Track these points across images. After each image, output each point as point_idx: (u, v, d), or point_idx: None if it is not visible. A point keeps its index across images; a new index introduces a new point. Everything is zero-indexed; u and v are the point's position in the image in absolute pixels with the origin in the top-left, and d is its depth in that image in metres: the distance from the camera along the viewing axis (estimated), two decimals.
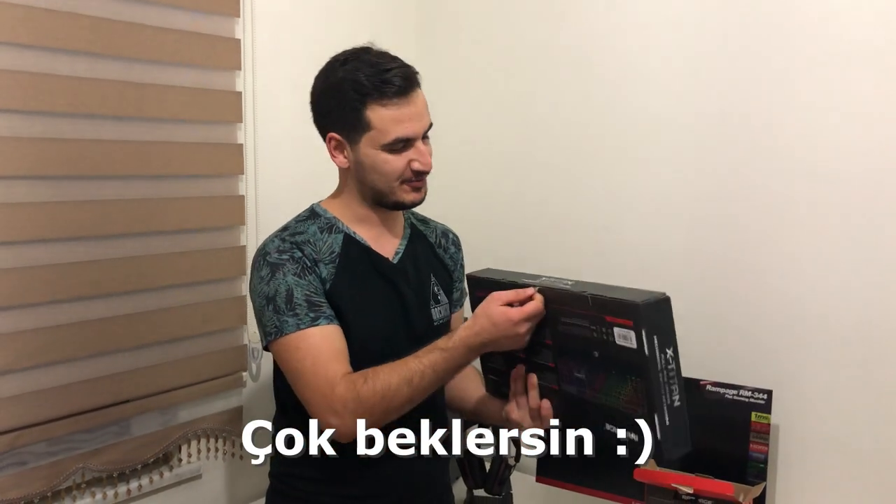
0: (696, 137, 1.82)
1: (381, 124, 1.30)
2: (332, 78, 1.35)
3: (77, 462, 1.58)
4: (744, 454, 1.68)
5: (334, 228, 1.39)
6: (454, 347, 1.25)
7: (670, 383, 1.17)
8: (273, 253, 1.33)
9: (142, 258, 1.66)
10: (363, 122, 1.31)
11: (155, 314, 1.69)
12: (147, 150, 1.65)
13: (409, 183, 1.35)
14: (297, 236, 1.36)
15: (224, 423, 1.86)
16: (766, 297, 1.74)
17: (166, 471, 1.77)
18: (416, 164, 1.34)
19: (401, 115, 1.30)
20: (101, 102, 1.56)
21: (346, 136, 1.34)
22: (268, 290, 1.30)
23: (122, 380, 1.64)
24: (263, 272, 1.32)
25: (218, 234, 1.81)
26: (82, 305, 1.57)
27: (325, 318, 1.29)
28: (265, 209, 1.88)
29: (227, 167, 1.82)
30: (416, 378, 1.24)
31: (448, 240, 1.58)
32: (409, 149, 1.33)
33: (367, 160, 1.34)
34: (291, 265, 1.31)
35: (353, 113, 1.31)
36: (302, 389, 1.29)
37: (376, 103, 1.30)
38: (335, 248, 1.37)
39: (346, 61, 1.34)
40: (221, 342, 1.84)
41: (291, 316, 1.28)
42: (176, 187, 1.72)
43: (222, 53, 1.77)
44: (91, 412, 1.59)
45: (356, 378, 1.25)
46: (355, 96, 1.30)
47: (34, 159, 1.48)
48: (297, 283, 1.30)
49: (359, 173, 1.36)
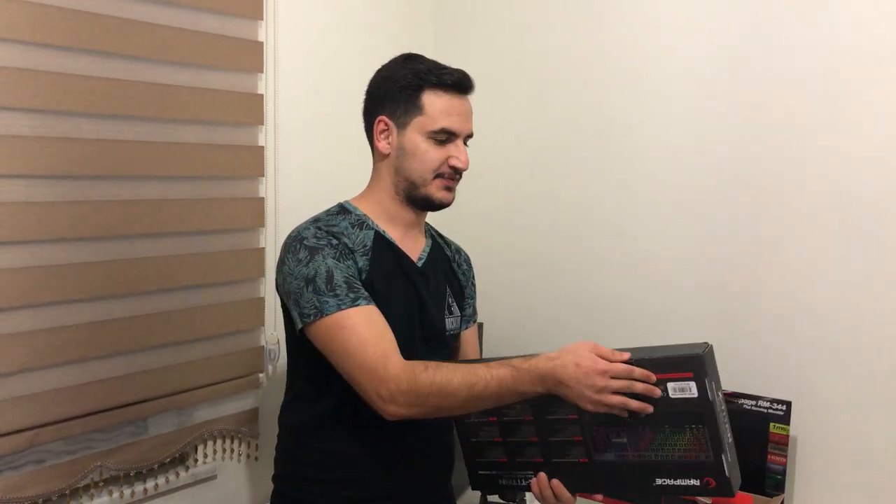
0: (718, 146, 1.81)
1: (433, 111, 1.36)
2: (393, 67, 1.42)
3: (95, 461, 1.59)
4: (761, 465, 1.67)
5: (364, 225, 1.41)
6: (527, 370, 1.21)
7: (726, 422, 1.22)
8: (310, 238, 1.34)
9: (161, 259, 1.67)
10: (417, 104, 1.37)
11: (173, 314, 1.69)
12: (168, 151, 1.66)
13: (443, 179, 1.39)
14: (331, 228, 1.37)
15: (240, 424, 1.86)
16: (786, 307, 1.73)
17: (182, 471, 1.77)
18: (454, 161, 1.38)
19: (451, 108, 1.38)
20: (123, 103, 1.57)
21: (395, 119, 1.38)
22: (307, 272, 1.31)
23: (139, 379, 1.64)
24: (301, 255, 1.32)
25: (238, 236, 1.82)
26: (101, 305, 1.58)
27: (364, 300, 1.30)
28: (285, 211, 1.88)
29: (248, 169, 1.82)
30: (479, 386, 1.22)
31: (461, 257, 1.60)
32: (451, 144, 1.38)
33: (410, 145, 1.37)
34: (329, 249, 1.33)
35: (409, 96, 1.37)
36: (350, 368, 1.28)
37: (433, 90, 1.37)
38: (367, 243, 1.38)
39: (409, 58, 1.42)
40: (238, 343, 1.84)
41: (332, 297, 1.28)
42: (196, 189, 1.73)
43: (245, 56, 1.78)
44: (108, 411, 1.60)
45: (416, 364, 1.25)
46: (415, 81, 1.37)
47: (56, 159, 1.49)
48: (336, 266, 1.31)
49: (397, 161, 1.39)
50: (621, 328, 1.96)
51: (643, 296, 1.93)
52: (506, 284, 2.14)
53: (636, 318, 1.94)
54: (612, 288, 1.98)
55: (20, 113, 1.44)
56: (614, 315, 1.98)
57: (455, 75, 1.38)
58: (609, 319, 1.99)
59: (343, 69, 2.02)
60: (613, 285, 1.98)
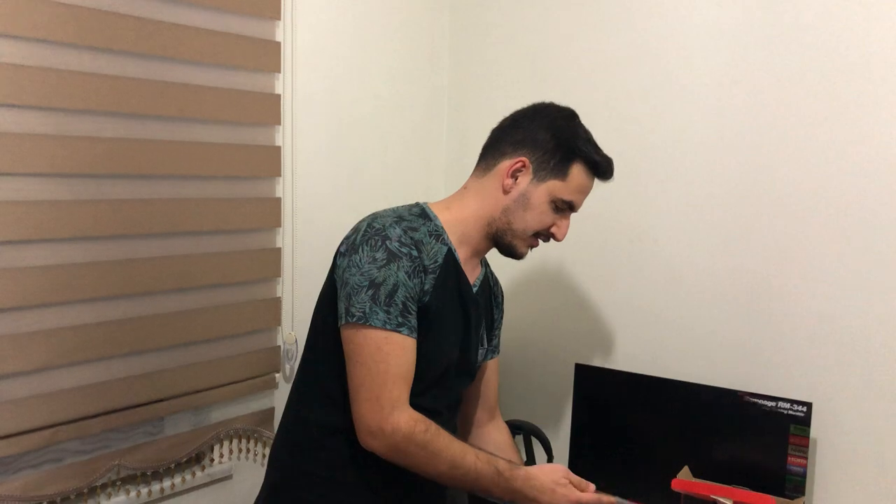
0: (737, 147, 1.80)
1: (573, 183, 1.40)
2: (557, 117, 1.43)
3: (112, 459, 1.59)
4: (782, 468, 1.65)
5: (441, 238, 1.38)
6: (509, 478, 1.28)
7: None
8: (394, 240, 1.30)
9: (178, 258, 1.67)
10: (564, 170, 1.39)
11: (190, 314, 1.70)
12: (185, 150, 1.66)
13: (535, 239, 1.44)
14: (414, 233, 1.34)
15: (256, 424, 1.86)
16: (806, 308, 1.72)
17: (198, 470, 1.77)
18: (556, 230, 1.43)
19: (585, 188, 1.42)
20: (141, 102, 1.57)
21: (536, 168, 1.39)
22: (377, 275, 1.28)
23: (156, 379, 1.65)
24: (379, 255, 1.29)
25: (255, 236, 1.82)
26: (118, 304, 1.58)
27: (407, 328, 1.29)
28: (302, 211, 1.88)
29: (265, 169, 1.82)
30: (461, 470, 1.27)
31: (499, 289, 1.61)
32: (562, 216, 1.42)
33: (536, 200, 1.39)
34: (407, 262, 1.30)
35: (563, 158, 1.39)
36: (359, 387, 1.27)
37: (583, 165, 1.40)
38: (438, 258, 1.35)
39: (573, 116, 1.44)
40: (255, 343, 1.84)
41: (384, 311, 1.27)
42: (214, 188, 1.73)
43: (262, 56, 1.78)
44: (126, 410, 1.60)
45: (419, 422, 1.26)
46: (574, 148, 1.39)
47: (75, 158, 1.49)
48: (404, 283, 1.29)
49: (513, 204, 1.40)
50: (636, 330, 1.95)
51: (659, 297, 1.92)
52: (520, 287, 2.13)
53: (652, 319, 1.93)
54: (626, 290, 1.96)
55: (41, 112, 1.44)
56: (629, 317, 1.97)
57: (606, 162, 1.42)
58: (624, 322, 1.98)
59: (360, 69, 2.02)
60: (628, 287, 1.96)
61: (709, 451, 1.72)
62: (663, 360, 1.88)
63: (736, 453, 1.70)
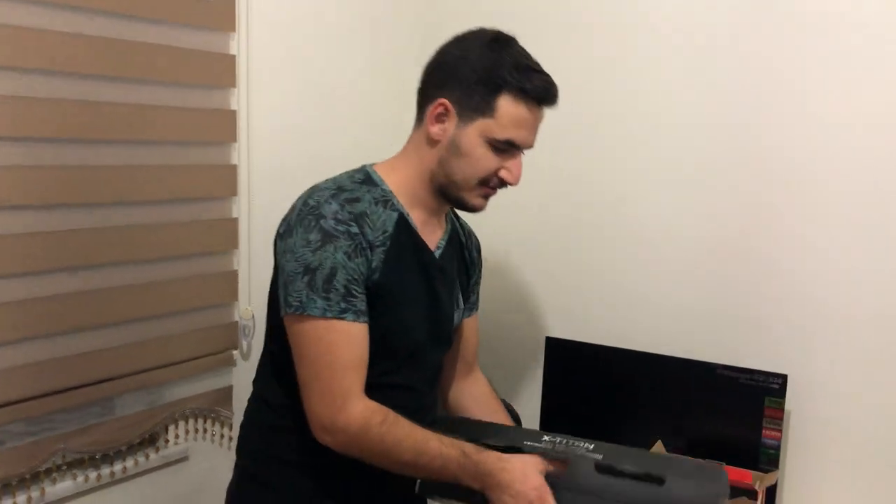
0: (710, 124, 1.77)
1: (505, 118, 1.23)
2: (475, 48, 1.25)
3: (57, 442, 1.51)
4: (756, 440, 1.64)
5: (389, 204, 1.27)
6: (474, 462, 1.19)
7: None
8: (330, 218, 1.20)
9: (128, 228, 1.57)
10: (490, 106, 1.23)
11: (141, 288, 1.61)
12: (136, 113, 1.56)
13: (486, 188, 1.29)
14: (355, 205, 1.23)
15: (213, 404, 1.79)
16: (781, 282, 1.71)
17: (152, 452, 1.70)
18: (505, 174, 1.27)
19: (523, 122, 1.24)
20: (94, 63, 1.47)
21: (460, 109, 1.24)
22: (311, 260, 1.19)
23: (105, 357, 1.56)
24: (313, 236, 1.19)
25: (209, 205, 1.73)
26: (63, 277, 1.49)
27: (352, 313, 1.20)
28: (259, 179, 1.79)
29: (219, 133, 1.73)
30: (425, 457, 1.19)
31: (472, 242, 1.51)
32: (508, 156, 1.27)
33: (466, 145, 1.24)
34: (345, 241, 1.20)
35: (485, 92, 1.22)
36: (309, 381, 1.21)
37: (513, 96, 1.22)
38: (388, 227, 1.26)
39: (498, 40, 1.26)
40: (211, 319, 1.77)
41: (322, 298, 1.18)
42: (166, 155, 1.63)
43: (216, 14, 1.68)
44: (72, 390, 1.51)
45: (375, 412, 1.19)
46: (497, 78, 1.22)
47: (16, 121, 1.38)
48: (343, 265, 1.19)
49: (446, 154, 1.27)
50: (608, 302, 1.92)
51: (632, 268, 1.88)
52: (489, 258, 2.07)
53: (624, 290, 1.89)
54: (598, 260, 1.93)
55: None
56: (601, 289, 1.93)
57: (542, 87, 1.23)
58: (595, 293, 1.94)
59: (321, 30, 1.92)
60: (600, 257, 1.93)
61: (682, 424, 1.70)
62: (636, 333, 1.84)
63: (709, 427, 1.68)
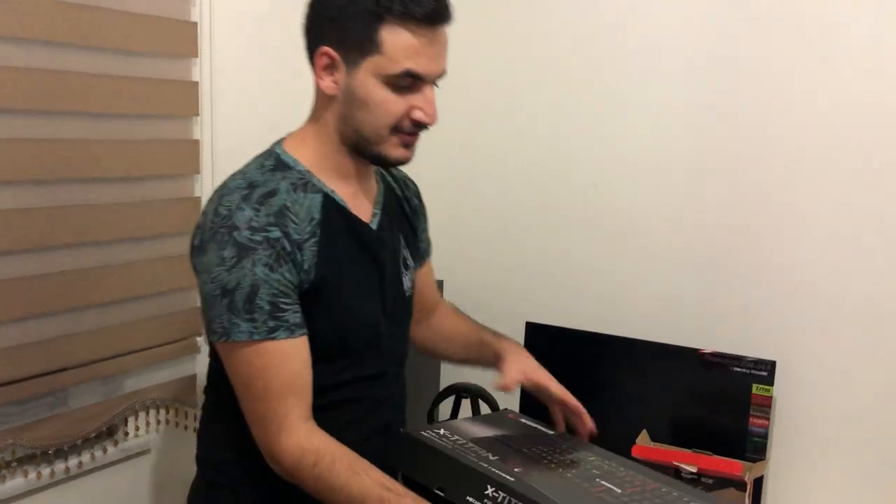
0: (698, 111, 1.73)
1: (394, 50, 1.07)
2: None
3: (6, 437, 1.41)
4: (743, 428, 1.60)
5: (309, 186, 1.15)
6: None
7: None
8: (244, 229, 1.07)
9: (82, 207, 1.48)
10: (373, 41, 1.07)
11: (96, 271, 1.52)
12: (90, 83, 1.46)
13: (402, 135, 1.13)
14: (271, 201, 1.10)
15: (175, 393, 1.70)
16: (769, 268, 1.68)
17: (110, 446, 1.62)
18: (417, 113, 1.12)
19: (420, 46, 1.08)
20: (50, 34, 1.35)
21: (344, 54, 1.10)
22: (227, 280, 1.06)
23: (56, 346, 1.47)
24: (227, 252, 1.07)
25: (170, 183, 1.64)
26: (12, 260, 1.39)
27: (284, 330, 1.09)
28: (223, 156, 1.69)
29: (180, 107, 1.63)
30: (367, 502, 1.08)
31: (410, 191, 1.38)
32: (415, 92, 1.11)
33: (362, 91, 1.10)
34: (264, 251, 1.07)
35: (364, 28, 1.07)
36: (246, 410, 1.13)
37: (396, 23, 1.07)
38: (314, 213, 1.13)
39: None
40: (173, 304, 1.67)
41: (246, 321, 1.07)
42: (121, 129, 1.53)
43: None
44: (21, 382, 1.41)
45: (307, 454, 1.09)
46: (373, 8, 1.07)
47: None
48: (265, 279, 1.07)
49: (346, 107, 1.13)
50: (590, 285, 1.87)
51: (616, 250, 1.84)
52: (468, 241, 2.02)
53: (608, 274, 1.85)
54: (580, 242, 1.89)
55: None
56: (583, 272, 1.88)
57: (428, 4, 1.07)
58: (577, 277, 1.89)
59: None
60: (582, 239, 1.88)
61: (667, 413, 1.67)
62: (619, 318, 1.81)
63: (696, 415, 1.65)
